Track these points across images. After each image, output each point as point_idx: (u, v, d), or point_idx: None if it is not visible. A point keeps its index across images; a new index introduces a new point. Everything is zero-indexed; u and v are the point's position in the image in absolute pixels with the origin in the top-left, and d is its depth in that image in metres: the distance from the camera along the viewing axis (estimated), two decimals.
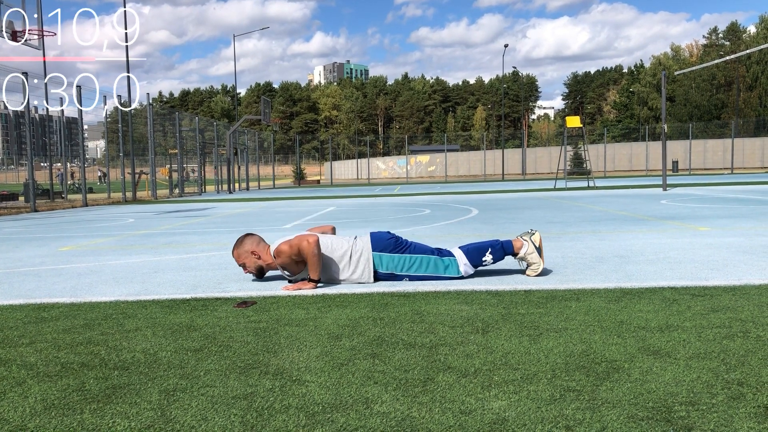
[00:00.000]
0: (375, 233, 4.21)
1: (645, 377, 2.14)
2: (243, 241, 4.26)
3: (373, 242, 4.11)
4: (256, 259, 4.20)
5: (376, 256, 4.07)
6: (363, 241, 4.14)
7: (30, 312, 3.49)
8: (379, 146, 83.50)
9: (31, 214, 14.87)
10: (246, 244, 4.23)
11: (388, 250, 4.08)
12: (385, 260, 4.08)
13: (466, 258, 4.09)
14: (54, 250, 6.66)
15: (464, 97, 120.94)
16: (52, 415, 1.96)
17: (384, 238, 4.14)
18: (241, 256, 4.23)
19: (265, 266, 4.22)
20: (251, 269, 4.23)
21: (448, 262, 4.09)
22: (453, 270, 4.08)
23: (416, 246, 4.16)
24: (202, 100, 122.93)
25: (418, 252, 4.11)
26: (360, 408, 1.95)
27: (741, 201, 11.38)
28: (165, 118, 27.84)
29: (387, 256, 4.08)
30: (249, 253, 4.21)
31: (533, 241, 4.13)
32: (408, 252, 4.10)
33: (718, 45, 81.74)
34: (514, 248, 4.12)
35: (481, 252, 4.10)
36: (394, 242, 4.12)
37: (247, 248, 4.22)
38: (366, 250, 4.09)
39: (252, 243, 4.24)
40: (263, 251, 4.20)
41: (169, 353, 2.60)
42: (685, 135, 51.46)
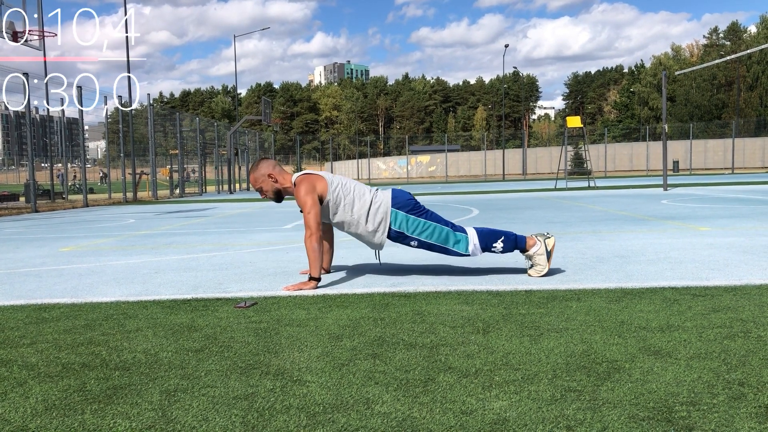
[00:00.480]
0: (397, 190, 4.22)
1: (646, 377, 2.14)
2: (259, 165, 4.24)
3: (394, 198, 4.12)
4: (272, 183, 4.18)
5: (393, 212, 4.07)
6: (384, 194, 4.15)
7: (31, 312, 3.49)
8: (380, 146, 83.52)
9: (31, 214, 14.88)
10: (262, 168, 4.21)
11: (405, 210, 4.08)
12: (400, 218, 4.07)
13: (477, 238, 4.07)
14: (55, 250, 6.66)
15: (465, 97, 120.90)
16: (53, 415, 1.96)
17: (405, 197, 4.14)
18: (258, 180, 4.20)
19: (282, 189, 4.21)
20: (269, 193, 4.21)
21: (459, 237, 4.07)
22: (462, 246, 4.06)
23: (433, 214, 4.15)
24: (202, 100, 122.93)
25: (433, 220, 4.10)
26: (361, 408, 1.95)
27: (742, 201, 11.38)
28: (166, 118, 27.85)
29: (402, 215, 4.07)
30: (266, 176, 4.18)
31: (546, 243, 4.11)
32: (424, 217, 4.09)
33: (718, 45, 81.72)
34: (527, 245, 4.11)
35: (494, 237, 4.09)
36: (413, 203, 4.13)
37: (263, 171, 4.19)
38: (385, 204, 4.09)
39: (268, 166, 4.22)
40: (279, 175, 4.19)
41: (170, 354, 2.60)
42: (685, 135, 51.48)
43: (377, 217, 4.08)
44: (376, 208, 4.08)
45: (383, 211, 4.08)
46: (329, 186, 4.09)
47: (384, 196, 4.14)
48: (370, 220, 4.09)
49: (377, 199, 4.11)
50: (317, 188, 4.05)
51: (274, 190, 4.21)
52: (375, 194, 4.14)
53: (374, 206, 4.09)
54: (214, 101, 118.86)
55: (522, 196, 16.57)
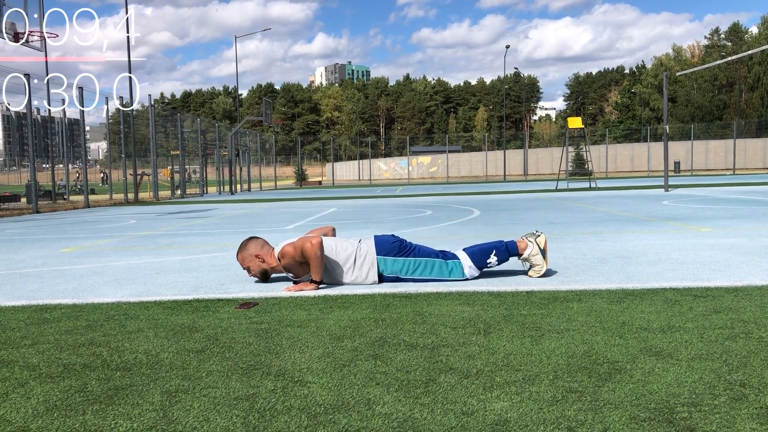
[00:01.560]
0: (379, 236, 4.20)
1: (647, 378, 2.14)
2: (247, 245, 4.25)
3: (377, 246, 4.10)
4: (260, 263, 4.19)
5: (381, 260, 4.06)
6: (368, 244, 4.13)
7: (32, 313, 3.49)
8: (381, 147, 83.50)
9: (33, 215, 14.89)
10: (250, 248, 4.23)
11: (392, 254, 4.07)
12: (390, 264, 4.07)
13: (470, 260, 4.08)
14: (56, 251, 6.67)
15: (466, 98, 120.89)
16: (54, 416, 1.96)
17: (388, 242, 4.13)
18: (246, 259, 4.22)
19: (269, 269, 4.22)
20: (255, 273, 4.23)
21: (452, 265, 4.08)
22: (457, 273, 4.08)
23: (420, 249, 4.15)
24: (203, 101, 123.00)
25: (422, 255, 4.10)
26: (362, 409, 1.95)
27: (743, 202, 11.37)
28: (167, 119, 27.88)
29: (391, 260, 4.07)
30: (253, 256, 4.20)
31: (538, 242, 4.12)
32: (412, 255, 4.09)
33: (719, 45, 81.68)
34: (519, 249, 4.11)
35: (486, 254, 4.10)
36: (398, 245, 4.11)
37: (251, 252, 4.21)
38: (370, 254, 4.07)
39: (256, 246, 4.23)
40: (267, 254, 4.20)
41: (171, 354, 2.60)
42: (687, 136, 51.46)
43: (364, 268, 4.07)
44: (362, 261, 4.07)
45: (369, 262, 4.07)
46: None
47: (367, 246, 4.10)
48: (357, 273, 4.08)
49: (361, 252, 4.08)
50: (300, 250, 3.99)
51: (260, 271, 4.22)
52: (358, 247, 4.10)
53: (359, 260, 4.07)
54: (215, 102, 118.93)
55: (523, 196, 16.56)
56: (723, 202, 11.57)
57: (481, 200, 15.20)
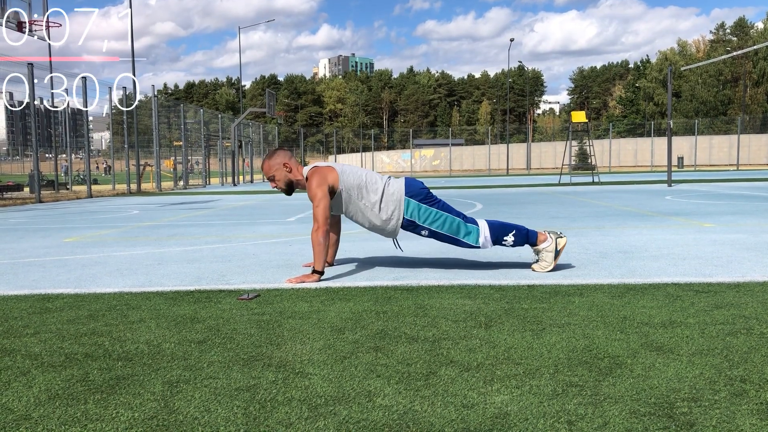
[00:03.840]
0: (410, 178, 4.21)
1: (647, 373, 2.14)
2: (275, 153, 4.22)
3: (407, 186, 4.12)
4: (287, 172, 4.16)
5: (406, 200, 4.07)
6: (398, 182, 4.15)
7: (34, 302, 3.50)
8: (384, 140, 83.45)
9: (35, 204, 14.91)
10: (278, 156, 4.19)
11: (418, 198, 4.08)
12: (412, 206, 4.07)
13: (489, 231, 4.07)
14: (58, 241, 6.68)
15: (469, 91, 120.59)
16: (56, 405, 1.97)
17: (418, 186, 4.14)
18: (272, 167, 4.17)
19: (295, 181, 4.19)
20: (280, 184, 4.18)
21: (471, 229, 4.07)
22: (473, 238, 4.06)
23: (445, 205, 4.15)
24: (207, 92, 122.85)
25: (445, 210, 4.10)
26: (362, 401, 1.95)
27: (746, 197, 11.34)
28: (170, 110, 27.85)
29: (415, 204, 4.07)
30: (281, 165, 4.16)
31: (558, 242, 4.09)
32: (436, 207, 4.09)
33: (725, 40, 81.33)
34: (537, 240, 4.10)
35: (506, 231, 4.09)
36: (426, 192, 4.13)
37: (279, 160, 4.17)
38: (398, 192, 4.08)
39: (284, 156, 4.21)
40: (294, 166, 4.19)
41: (172, 345, 2.61)
42: (690, 131, 51.32)
43: (390, 206, 4.08)
44: (389, 196, 4.08)
45: (396, 200, 4.07)
46: (340, 176, 4.09)
47: (397, 184, 4.13)
48: (384, 209, 4.08)
49: (390, 188, 4.10)
50: (328, 180, 4.05)
51: (286, 181, 4.18)
52: (388, 183, 4.13)
53: (387, 195, 4.08)
54: (219, 93, 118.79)
55: (526, 190, 16.55)
56: (726, 197, 11.54)
57: (484, 194, 15.18)
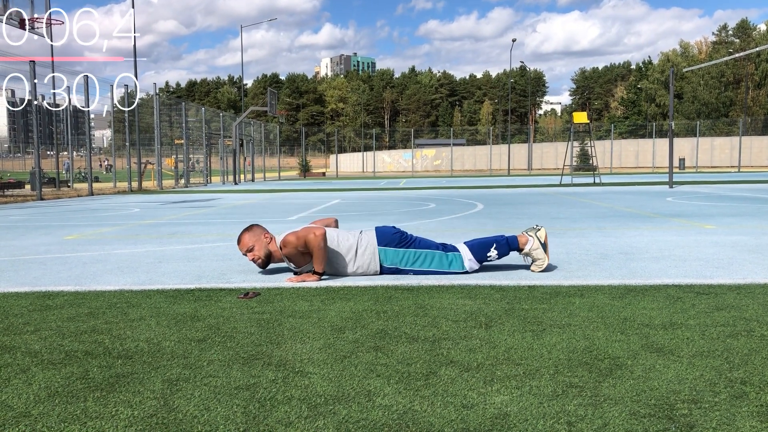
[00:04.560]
0: (380, 227, 4.22)
1: (648, 374, 2.14)
2: (252, 227, 4.26)
3: (378, 237, 4.12)
4: (267, 243, 4.18)
5: (381, 250, 4.08)
6: (369, 235, 4.14)
7: (35, 300, 3.50)
8: (385, 139, 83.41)
9: (37, 202, 14.92)
10: (255, 230, 4.23)
11: (393, 245, 4.09)
12: (390, 255, 4.08)
13: (470, 253, 4.08)
14: (59, 238, 6.68)
15: (471, 91, 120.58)
16: (55, 402, 1.97)
17: (389, 233, 4.15)
18: (251, 240, 4.18)
19: (273, 252, 4.20)
20: (259, 255, 4.18)
21: (452, 257, 4.09)
22: (457, 265, 4.08)
23: (421, 241, 4.16)
24: (208, 90, 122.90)
25: (422, 247, 4.11)
26: (362, 400, 1.95)
27: (748, 199, 11.33)
28: (171, 108, 27.85)
29: (392, 251, 4.08)
30: (261, 236, 4.19)
31: (539, 237, 4.12)
32: (413, 246, 4.10)
33: (727, 42, 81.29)
34: (519, 244, 4.11)
35: (486, 247, 4.10)
36: (399, 237, 4.13)
37: (258, 232, 4.21)
38: (371, 245, 4.09)
39: (262, 229, 4.24)
40: (271, 239, 4.20)
41: (172, 343, 2.60)
42: (692, 132, 51.27)
43: (365, 257, 4.08)
44: (363, 251, 4.08)
45: (370, 252, 4.08)
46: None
47: (368, 237, 4.12)
48: (359, 266, 4.09)
49: (362, 243, 4.10)
50: (303, 240, 3.99)
51: (265, 252, 4.17)
52: (360, 238, 4.12)
53: (360, 249, 4.08)
54: (220, 92, 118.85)
55: (527, 191, 16.54)
56: (728, 199, 11.53)
57: (485, 194, 15.18)
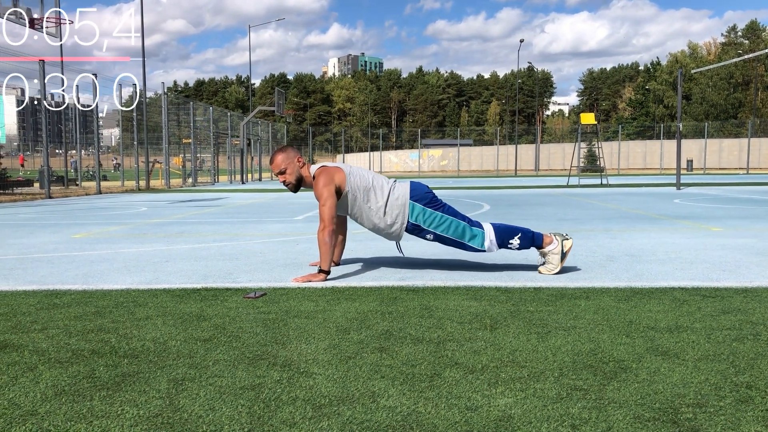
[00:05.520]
0: (415, 182, 4.22)
1: (652, 378, 2.14)
2: (286, 148, 4.21)
3: (412, 189, 4.12)
4: (299, 167, 4.15)
5: (411, 204, 4.07)
6: (403, 186, 4.15)
7: (43, 298, 3.53)
8: (392, 139, 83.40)
9: (45, 200, 15.00)
10: (290, 151, 4.18)
11: (423, 202, 4.08)
12: (417, 210, 4.07)
13: (494, 234, 4.06)
14: (67, 237, 6.72)
15: (478, 91, 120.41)
16: (62, 401, 1.98)
17: (423, 190, 4.15)
18: (286, 160, 4.13)
19: (305, 178, 4.17)
20: (291, 177, 4.13)
21: (476, 233, 4.06)
22: (477, 241, 4.05)
23: (450, 208, 4.15)
24: (216, 90, 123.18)
25: (450, 214, 4.10)
26: (366, 402, 1.96)
27: (756, 202, 11.28)
28: (179, 107, 27.94)
29: (420, 207, 4.07)
30: (294, 159, 4.14)
31: (564, 244, 4.09)
32: (441, 210, 4.09)
33: (736, 43, 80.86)
34: (543, 242, 4.10)
35: (511, 234, 4.08)
36: (431, 196, 4.13)
37: (291, 155, 4.16)
38: (404, 196, 4.08)
39: (296, 151, 4.20)
40: (304, 162, 4.19)
41: (178, 342, 2.62)
42: (700, 134, 51.04)
43: (395, 210, 4.08)
44: (394, 200, 4.08)
45: (401, 204, 4.07)
46: (347, 177, 4.08)
47: (402, 188, 4.13)
48: (388, 213, 4.08)
49: (395, 192, 4.10)
50: (335, 180, 4.05)
51: (297, 175, 4.14)
52: (393, 186, 4.13)
53: (392, 198, 4.08)
54: (228, 91, 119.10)
55: (534, 192, 16.51)
56: (735, 201, 11.48)
57: (492, 195, 15.16)
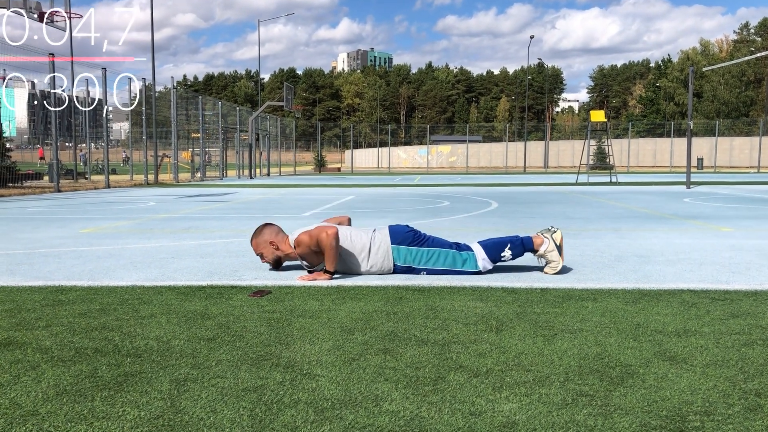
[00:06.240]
0: (393, 226, 4.21)
1: (660, 384, 2.11)
2: (262, 231, 4.26)
3: (391, 235, 4.11)
4: (274, 250, 4.20)
5: (395, 249, 4.06)
6: (382, 233, 4.13)
7: (48, 294, 3.53)
8: (401, 135, 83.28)
9: (54, 194, 15.06)
10: (264, 234, 4.23)
11: (406, 243, 4.07)
12: (403, 253, 4.07)
13: (484, 253, 4.05)
14: (75, 231, 6.73)
15: (488, 87, 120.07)
16: (63, 401, 1.97)
17: (402, 231, 4.13)
18: (260, 245, 4.22)
19: (283, 257, 4.22)
20: (269, 260, 4.23)
21: (466, 257, 4.06)
22: (471, 264, 4.05)
23: (434, 240, 4.14)
24: (225, 84, 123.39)
25: (436, 245, 4.09)
26: (369, 405, 1.93)
27: (767, 202, 11.18)
28: (189, 101, 27.99)
29: (405, 249, 4.07)
30: (267, 243, 4.20)
31: (554, 238, 4.08)
32: (426, 245, 4.08)
33: (749, 40, 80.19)
34: (534, 245, 4.08)
35: (500, 247, 4.07)
36: (412, 235, 4.11)
37: (265, 238, 4.22)
38: (385, 243, 4.08)
39: (271, 233, 4.23)
40: (281, 242, 4.20)
41: (182, 342, 2.61)
42: (711, 132, 50.66)
43: (378, 256, 4.07)
44: (376, 249, 4.07)
45: (384, 251, 4.07)
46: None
47: (382, 236, 4.11)
48: (373, 265, 4.08)
49: (376, 242, 4.09)
50: (314, 242, 4.00)
51: (274, 258, 4.21)
52: (373, 237, 4.11)
53: (374, 248, 4.07)
54: (237, 86, 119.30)
55: (543, 189, 16.44)
56: (746, 201, 11.39)
57: (500, 192, 15.11)
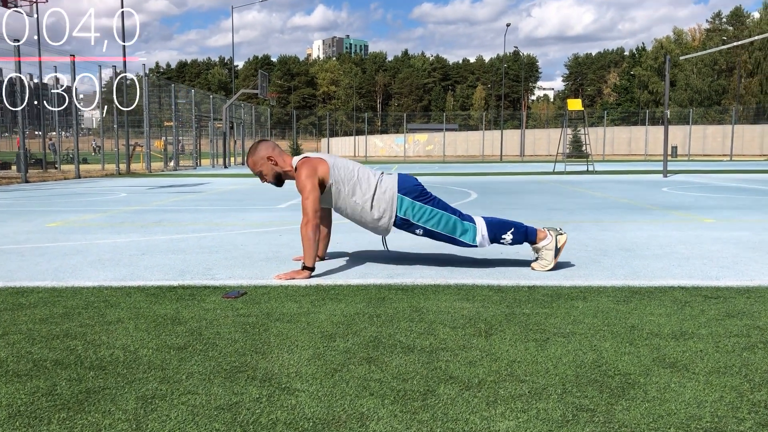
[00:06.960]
0: (403, 175, 4.02)
1: (663, 395, 1.98)
2: (257, 148, 4.02)
3: (400, 182, 3.92)
4: (272, 166, 3.96)
5: (399, 198, 3.87)
6: (390, 179, 3.94)
7: (7, 297, 3.31)
8: (377, 123, 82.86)
9: (22, 185, 14.63)
10: (261, 150, 3.99)
11: (411, 196, 3.88)
12: (406, 204, 3.87)
13: (486, 229, 3.87)
14: (41, 225, 6.46)
15: (464, 75, 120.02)
16: (16, 424, 1.79)
17: (412, 183, 3.95)
18: (257, 163, 3.97)
19: (283, 173, 3.99)
20: (269, 178, 3.99)
21: (467, 227, 3.87)
22: (469, 236, 3.87)
23: (440, 202, 3.96)
24: (199, 72, 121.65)
25: (440, 207, 3.91)
26: (354, 426, 1.77)
27: (743, 191, 11.22)
28: (161, 89, 27.45)
29: (408, 201, 3.88)
30: (265, 159, 3.96)
31: (558, 240, 3.92)
32: (431, 204, 3.90)
33: (721, 30, 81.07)
34: (537, 238, 3.93)
35: (503, 228, 3.90)
36: (420, 189, 3.93)
37: (262, 154, 3.97)
38: (391, 189, 3.88)
39: (267, 148, 4.00)
40: (279, 157, 3.98)
41: (150, 351, 2.42)
42: (684, 120, 51.19)
43: (382, 204, 3.88)
44: (381, 193, 3.88)
45: (389, 197, 3.87)
46: (331, 169, 3.88)
47: (390, 181, 3.92)
48: (375, 207, 3.89)
49: (383, 185, 3.90)
50: (318, 172, 3.84)
51: (274, 174, 3.98)
52: (380, 179, 3.93)
53: (379, 192, 3.88)
54: (211, 73, 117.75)
55: (521, 179, 16.38)
56: (723, 190, 11.41)
57: (479, 182, 15.01)
